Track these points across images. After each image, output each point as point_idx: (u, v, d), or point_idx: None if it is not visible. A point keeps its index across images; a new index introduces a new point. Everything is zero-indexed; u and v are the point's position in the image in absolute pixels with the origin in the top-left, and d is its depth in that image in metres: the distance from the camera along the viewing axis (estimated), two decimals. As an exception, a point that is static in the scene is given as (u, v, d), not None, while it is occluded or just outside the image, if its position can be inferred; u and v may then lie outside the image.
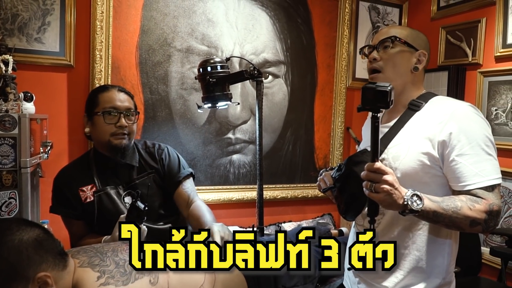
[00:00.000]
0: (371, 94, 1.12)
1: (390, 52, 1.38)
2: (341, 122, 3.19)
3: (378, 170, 1.12)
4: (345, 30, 3.13)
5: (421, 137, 1.29)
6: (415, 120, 1.35)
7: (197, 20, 2.69)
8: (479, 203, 1.19)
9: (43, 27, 2.34)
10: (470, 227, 1.19)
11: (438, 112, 1.30)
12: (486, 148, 1.23)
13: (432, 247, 1.32)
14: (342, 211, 1.45)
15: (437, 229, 1.31)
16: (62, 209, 1.84)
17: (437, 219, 1.17)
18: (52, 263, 1.11)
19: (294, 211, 3.15)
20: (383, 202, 1.13)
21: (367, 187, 1.14)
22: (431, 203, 1.16)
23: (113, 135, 1.79)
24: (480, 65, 2.82)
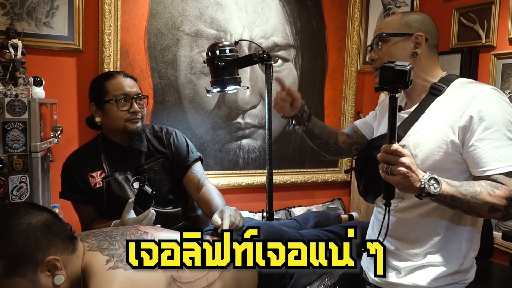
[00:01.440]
0: (389, 73, 1.08)
1: (384, 48, 1.36)
2: (351, 106, 3.15)
3: (395, 152, 1.09)
4: (356, 13, 3.08)
5: (442, 123, 1.26)
6: (436, 105, 1.31)
7: (205, 3, 2.66)
8: (500, 188, 1.15)
9: (51, 11, 2.33)
10: (489, 213, 1.16)
11: (460, 97, 1.26)
12: (508, 132, 1.19)
13: (450, 233, 1.30)
14: (361, 193, 1.46)
15: (456, 215, 1.29)
16: (72, 194, 1.85)
17: (454, 203, 1.14)
18: (61, 247, 1.11)
19: (304, 196, 3.14)
20: (399, 185, 1.11)
21: (383, 169, 1.11)
22: (449, 187, 1.13)
23: (128, 121, 1.80)
24: (494, 47, 2.76)
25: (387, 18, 1.43)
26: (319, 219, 2.13)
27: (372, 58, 1.40)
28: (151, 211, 1.67)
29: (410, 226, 1.33)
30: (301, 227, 2.00)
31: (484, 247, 2.63)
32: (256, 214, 2.74)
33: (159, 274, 1.15)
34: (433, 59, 1.38)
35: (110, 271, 1.10)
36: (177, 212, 1.91)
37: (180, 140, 1.97)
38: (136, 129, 1.81)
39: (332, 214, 2.29)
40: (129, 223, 1.63)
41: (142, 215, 1.67)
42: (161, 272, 1.16)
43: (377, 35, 1.38)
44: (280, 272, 1.54)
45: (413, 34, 1.33)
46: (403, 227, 1.34)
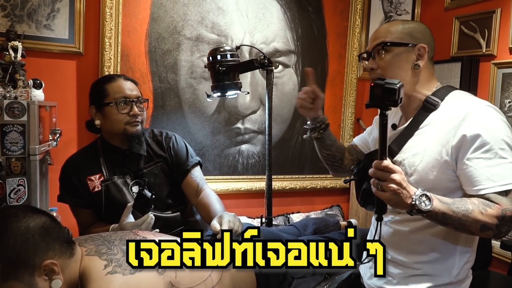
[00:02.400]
0: (379, 91, 1.07)
1: (386, 58, 1.30)
2: (351, 113, 3.15)
3: (385, 169, 1.08)
4: (357, 20, 3.08)
5: (436, 142, 1.24)
6: (431, 121, 1.29)
7: (207, 8, 2.66)
8: (492, 207, 1.14)
9: (52, 14, 2.33)
10: (480, 232, 1.15)
11: (453, 114, 1.23)
12: (500, 151, 1.17)
13: (445, 246, 1.29)
14: (360, 203, 1.44)
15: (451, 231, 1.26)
16: (70, 197, 1.84)
17: (446, 221, 1.14)
18: (58, 251, 1.10)
19: (303, 202, 3.13)
20: (389, 201, 1.10)
21: (374, 184, 1.11)
22: (440, 204, 1.12)
23: (127, 124, 1.79)
24: (494, 56, 2.76)
25: (386, 25, 1.37)
26: (318, 226, 2.12)
27: (372, 67, 1.34)
28: (150, 216, 1.66)
29: (406, 238, 1.33)
30: (300, 233, 1.99)
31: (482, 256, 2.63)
32: (255, 219, 2.73)
33: (157, 280, 1.14)
34: (431, 71, 1.36)
35: (108, 276, 1.09)
36: (176, 216, 1.90)
37: (180, 144, 1.96)
38: (135, 132, 1.80)
39: (331, 220, 2.28)
40: (127, 227, 1.62)
41: (141, 219, 1.66)
42: (159, 277, 1.15)
43: (380, 42, 1.31)
44: (280, 275, 1.53)
45: (416, 46, 1.30)
46: (399, 238, 1.34)
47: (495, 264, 2.65)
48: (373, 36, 1.37)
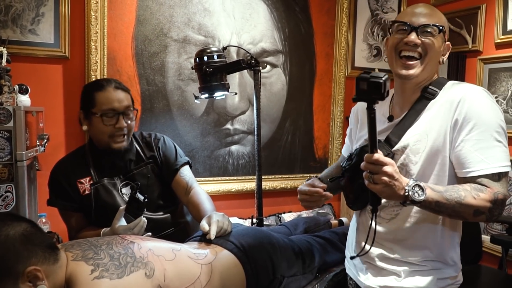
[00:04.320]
0: (364, 85, 1.06)
1: (433, 40, 1.27)
2: (340, 111, 3.16)
3: (377, 162, 1.09)
4: (344, 19, 3.10)
5: (437, 127, 1.25)
6: (431, 109, 1.29)
7: (193, 10, 2.66)
8: (484, 191, 1.16)
9: (37, 18, 2.31)
10: (473, 217, 1.17)
11: (450, 98, 1.25)
12: (495, 134, 1.19)
13: (445, 239, 1.30)
14: (350, 201, 1.43)
15: (450, 221, 1.29)
16: (60, 201, 1.82)
17: (439, 209, 1.15)
18: (42, 257, 1.09)
19: (294, 201, 3.09)
20: (382, 194, 1.11)
21: (366, 178, 1.12)
22: (433, 193, 1.13)
23: (111, 137, 1.75)
24: (480, 52, 2.79)
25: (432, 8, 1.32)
26: (308, 225, 2.13)
27: (415, 42, 1.27)
28: (142, 219, 1.65)
29: (408, 232, 1.32)
30: (291, 232, 1.99)
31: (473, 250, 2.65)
32: (246, 220, 2.73)
33: (146, 283, 1.14)
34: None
35: (95, 281, 1.08)
36: (166, 218, 1.90)
37: (168, 145, 1.96)
38: (118, 148, 1.78)
39: (322, 219, 2.29)
40: (120, 231, 1.61)
41: (133, 223, 1.65)
42: (148, 280, 1.14)
43: (436, 25, 1.26)
44: (269, 274, 1.53)
45: (447, 42, 1.32)
46: (401, 232, 1.32)
47: (485, 258, 2.67)
48: (421, 13, 1.29)
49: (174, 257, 1.30)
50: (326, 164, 3.21)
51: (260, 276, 1.50)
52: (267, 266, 1.54)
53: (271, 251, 1.58)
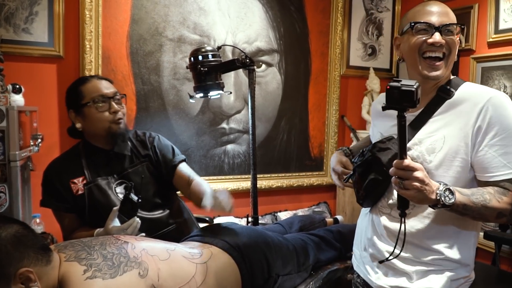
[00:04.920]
0: (396, 93, 1.06)
1: (454, 39, 1.28)
2: (335, 110, 3.17)
3: (407, 168, 1.08)
4: (339, 18, 3.10)
5: (456, 128, 1.24)
6: (447, 109, 1.28)
7: (188, 9, 2.66)
8: (506, 195, 1.18)
9: (30, 17, 2.30)
10: (495, 219, 1.20)
11: (471, 101, 1.24)
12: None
13: (460, 239, 1.29)
14: (361, 197, 1.41)
15: (465, 221, 1.28)
16: (53, 202, 1.81)
17: (466, 212, 1.15)
18: (34, 259, 1.09)
19: (290, 200, 3.14)
20: (413, 199, 1.11)
21: (396, 183, 1.11)
22: (461, 196, 1.14)
23: (112, 122, 1.77)
24: (473, 51, 2.80)
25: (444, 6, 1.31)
26: (304, 223, 2.13)
27: (441, 43, 1.26)
28: (136, 219, 1.64)
29: (420, 232, 1.30)
30: (286, 231, 1.99)
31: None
32: (242, 219, 2.73)
33: (139, 283, 1.14)
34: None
35: (87, 281, 1.08)
36: (161, 217, 1.89)
37: (164, 142, 1.96)
38: (120, 130, 1.79)
39: (317, 217, 2.29)
40: (113, 231, 1.61)
41: (127, 223, 1.64)
42: (141, 280, 1.14)
43: (457, 24, 1.28)
44: (264, 273, 1.53)
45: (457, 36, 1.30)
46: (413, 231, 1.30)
47: (479, 254, 2.68)
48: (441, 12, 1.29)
49: (169, 256, 1.30)
50: (322, 163, 3.21)
51: (255, 275, 1.50)
52: (262, 265, 1.54)
53: (266, 250, 1.59)
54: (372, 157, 1.31)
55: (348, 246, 1.95)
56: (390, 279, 1.34)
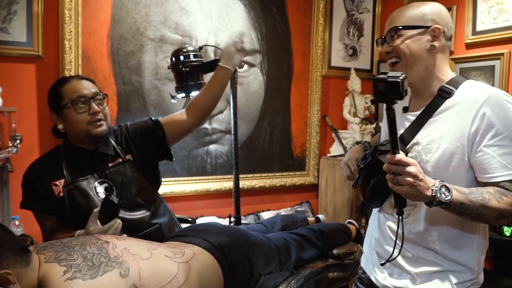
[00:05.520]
0: (382, 86, 1.05)
1: (399, 41, 1.30)
2: (317, 110, 3.20)
3: (399, 162, 1.07)
4: (320, 19, 3.13)
5: (453, 128, 1.22)
6: (446, 108, 1.27)
7: (169, 9, 2.65)
8: (507, 195, 1.15)
9: (8, 17, 2.26)
10: (496, 220, 1.16)
11: (470, 101, 1.22)
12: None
13: (462, 241, 1.28)
14: (367, 199, 1.41)
15: (467, 223, 1.26)
16: (34, 204, 1.79)
17: (463, 211, 1.13)
18: (12, 260, 1.07)
19: (273, 199, 3.15)
20: (407, 195, 1.09)
21: (390, 179, 1.10)
22: (459, 194, 1.11)
23: (90, 124, 1.74)
24: (452, 52, 2.85)
25: (400, 9, 1.34)
26: (286, 222, 2.14)
27: (387, 51, 1.32)
28: (117, 221, 1.63)
29: (421, 233, 1.30)
30: (268, 230, 2.00)
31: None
32: (225, 219, 2.73)
33: (120, 283, 1.13)
34: (446, 54, 1.34)
35: (67, 282, 1.07)
36: (143, 218, 1.87)
37: (135, 122, 1.94)
38: (100, 132, 1.76)
39: (299, 217, 2.31)
40: (94, 233, 1.59)
41: (107, 225, 1.63)
42: (122, 280, 1.14)
43: (392, 28, 1.30)
44: (246, 272, 1.54)
45: (430, 27, 1.28)
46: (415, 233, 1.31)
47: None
48: (388, 20, 1.34)
49: (150, 255, 1.29)
50: (304, 163, 3.24)
51: (238, 274, 1.51)
52: (244, 264, 1.55)
53: (248, 249, 1.59)
54: (373, 160, 1.31)
55: (329, 244, 1.98)
56: (395, 280, 1.34)
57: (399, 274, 1.34)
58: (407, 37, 1.29)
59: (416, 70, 1.30)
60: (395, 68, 1.32)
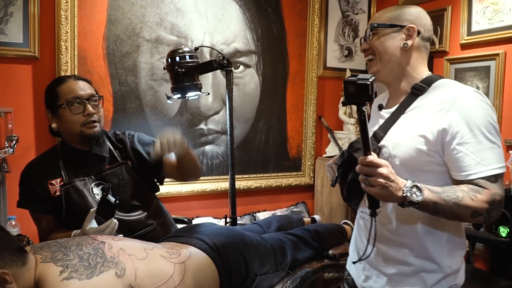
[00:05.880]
0: (352, 88, 1.06)
1: (375, 40, 1.34)
2: (313, 111, 3.21)
3: (371, 164, 1.08)
4: (315, 19, 3.14)
5: (421, 124, 1.24)
6: (417, 105, 1.29)
7: (165, 10, 2.66)
8: (481, 193, 1.14)
9: (5, 18, 2.27)
10: (471, 218, 1.16)
11: (440, 98, 1.24)
12: (489, 135, 1.18)
13: (430, 237, 1.29)
14: (345, 197, 1.43)
15: (436, 219, 1.26)
16: (30, 203, 1.80)
17: (437, 210, 1.13)
18: (9, 260, 1.08)
19: (269, 200, 3.16)
20: (379, 196, 1.10)
21: (362, 181, 1.11)
22: (431, 194, 1.11)
23: (84, 125, 1.76)
24: (447, 52, 2.87)
25: (382, 10, 1.40)
26: (281, 223, 2.15)
27: (364, 48, 1.38)
28: (113, 221, 1.64)
29: (392, 232, 1.32)
30: (264, 231, 2.01)
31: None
32: (221, 220, 2.74)
33: (116, 283, 1.14)
34: (422, 54, 1.36)
35: (64, 282, 1.07)
36: (139, 219, 1.88)
37: (144, 137, 1.96)
38: (93, 133, 1.78)
39: (295, 217, 2.32)
40: (90, 233, 1.60)
41: (104, 224, 1.63)
42: (118, 280, 1.14)
43: (368, 25, 1.36)
44: (242, 273, 1.55)
45: (405, 26, 1.31)
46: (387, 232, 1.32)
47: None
48: (369, 21, 1.41)
49: (146, 256, 1.30)
50: (300, 163, 3.25)
51: (233, 275, 1.52)
52: (240, 265, 1.55)
53: (244, 250, 1.60)
54: (349, 157, 1.33)
55: (325, 245, 1.99)
56: (373, 283, 1.36)
57: (377, 276, 1.36)
58: (382, 34, 1.34)
59: (389, 67, 1.33)
60: (370, 65, 1.37)
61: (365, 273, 1.40)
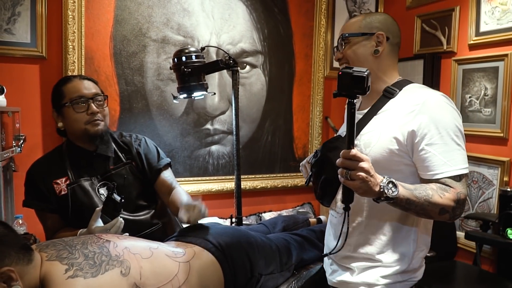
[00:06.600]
0: (347, 79, 1.09)
1: (347, 48, 1.42)
2: (319, 111, 3.20)
3: (354, 157, 1.10)
4: (322, 20, 3.13)
5: (392, 125, 1.31)
6: (388, 107, 1.36)
7: (172, 10, 2.66)
8: (448, 191, 1.22)
9: (13, 18, 2.28)
10: (439, 215, 1.22)
11: (410, 101, 1.31)
12: (455, 138, 1.26)
13: (398, 234, 1.35)
14: (318, 196, 1.48)
15: (404, 216, 1.33)
16: (36, 202, 1.81)
17: (409, 206, 1.19)
18: (15, 258, 1.09)
19: (274, 200, 3.16)
20: (358, 189, 1.12)
21: (342, 174, 1.12)
22: (405, 190, 1.17)
23: (88, 123, 1.77)
24: (455, 53, 2.85)
25: (350, 20, 1.48)
26: (287, 223, 2.15)
27: (338, 57, 1.46)
28: (119, 220, 1.65)
29: (361, 229, 1.38)
30: (269, 231, 2.01)
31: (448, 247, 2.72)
32: (226, 220, 2.74)
33: (121, 281, 1.14)
34: (393, 59, 1.44)
35: (69, 280, 1.08)
36: (145, 219, 1.90)
37: (150, 145, 1.97)
38: (97, 132, 1.79)
39: (301, 218, 2.31)
40: (96, 232, 1.61)
41: (110, 223, 1.64)
42: (123, 279, 1.15)
43: (340, 36, 1.44)
44: (247, 272, 1.55)
45: (374, 34, 1.38)
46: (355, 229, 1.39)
47: (460, 254, 2.74)
48: (340, 31, 1.48)
49: (151, 255, 1.31)
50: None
51: (238, 274, 1.52)
52: (245, 264, 1.55)
53: (249, 250, 1.60)
54: (323, 156, 1.38)
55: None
56: (338, 276, 1.44)
57: (342, 270, 1.43)
58: (354, 43, 1.41)
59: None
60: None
61: (332, 268, 1.48)
